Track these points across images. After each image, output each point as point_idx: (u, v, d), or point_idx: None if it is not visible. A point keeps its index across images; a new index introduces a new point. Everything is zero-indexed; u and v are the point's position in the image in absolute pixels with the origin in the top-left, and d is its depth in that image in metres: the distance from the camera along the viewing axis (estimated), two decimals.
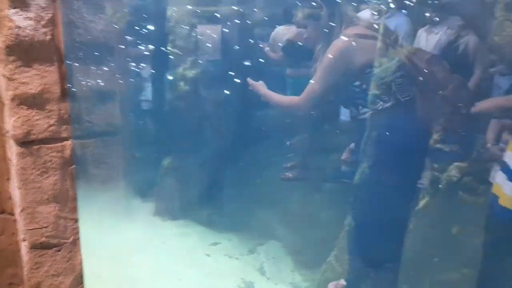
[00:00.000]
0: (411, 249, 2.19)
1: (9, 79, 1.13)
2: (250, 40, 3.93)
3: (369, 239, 2.32)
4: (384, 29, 2.19)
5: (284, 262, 3.27)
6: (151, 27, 4.10)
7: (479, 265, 1.60)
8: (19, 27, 1.11)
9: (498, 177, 1.49)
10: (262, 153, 3.71)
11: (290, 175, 3.67)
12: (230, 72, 3.73)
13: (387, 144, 2.13)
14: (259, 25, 4.25)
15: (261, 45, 4.05)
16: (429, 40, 2.52)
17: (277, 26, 3.95)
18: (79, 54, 3.05)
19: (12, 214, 1.50)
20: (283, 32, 4.16)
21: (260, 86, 2.71)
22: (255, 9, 3.97)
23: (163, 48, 3.93)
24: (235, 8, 3.87)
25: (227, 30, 4.05)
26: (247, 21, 3.99)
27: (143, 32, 4.04)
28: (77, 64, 3.07)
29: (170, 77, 3.92)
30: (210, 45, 4.07)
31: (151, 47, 4.21)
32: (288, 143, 3.62)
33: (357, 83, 2.41)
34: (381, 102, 2.19)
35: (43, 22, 1.14)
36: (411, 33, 2.68)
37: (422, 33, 2.60)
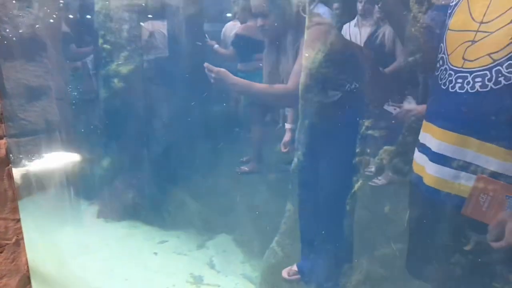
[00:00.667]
0: (349, 230, 2.34)
1: None
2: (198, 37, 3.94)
3: (308, 224, 2.46)
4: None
5: (234, 254, 3.35)
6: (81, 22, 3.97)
7: (407, 240, 1.73)
8: None
9: (419, 158, 1.58)
10: (215, 148, 3.77)
11: (246, 168, 3.77)
12: (173, 68, 3.71)
13: (318, 131, 2.28)
14: (210, 21, 4.27)
15: (208, 43, 4.09)
16: (360, 32, 2.65)
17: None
18: (10, 50, 2.90)
19: None
20: (232, 27, 4.25)
21: (229, 74, 2.40)
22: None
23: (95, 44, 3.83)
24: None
25: (171, 25, 4.01)
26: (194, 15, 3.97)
27: (74, 27, 3.90)
28: (8, 61, 2.92)
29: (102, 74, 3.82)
30: (150, 40, 4.02)
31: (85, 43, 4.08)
32: (239, 131, 3.69)
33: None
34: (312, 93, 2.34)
35: None
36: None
37: (351, 26, 2.73)
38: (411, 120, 2.02)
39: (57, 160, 3.35)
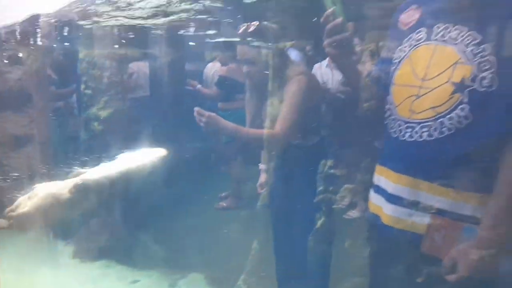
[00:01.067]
0: (313, 264, 2.44)
1: None
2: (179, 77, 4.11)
3: (276, 260, 2.55)
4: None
5: None
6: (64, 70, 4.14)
7: (368, 274, 1.82)
8: None
9: (374, 199, 1.69)
10: (195, 185, 3.82)
11: (224, 204, 3.81)
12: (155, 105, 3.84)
13: (285, 171, 2.42)
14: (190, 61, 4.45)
15: (191, 85, 4.26)
16: (332, 73, 2.75)
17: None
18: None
19: None
20: (212, 67, 4.46)
21: (219, 119, 2.35)
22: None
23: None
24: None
25: (153, 66, 4.19)
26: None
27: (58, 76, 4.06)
28: None
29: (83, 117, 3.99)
30: (133, 80, 4.17)
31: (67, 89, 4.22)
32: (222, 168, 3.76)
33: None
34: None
35: None
36: None
37: (322, 66, 2.89)
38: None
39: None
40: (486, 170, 1.39)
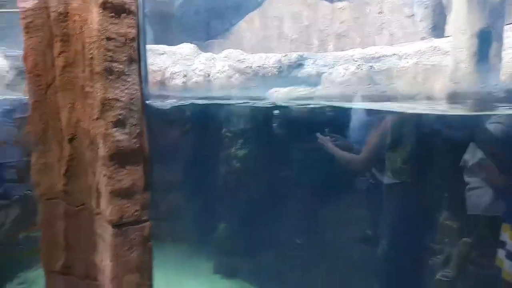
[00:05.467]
0: None
1: (109, 177, 1.52)
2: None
3: None
4: None
5: None
6: None
7: None
8: (118, 140, 1.51)
9: (500, 253, 1.76)
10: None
11: None
12: None
13: (401, 223, 2.53)
14: None
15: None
16: None
17: None
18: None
19: (96, 280, 1.81)
20: None
21: (327, 141, 3.25)
22: None
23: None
24: None
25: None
26: None
27: None
28: None
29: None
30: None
31: None
32: None
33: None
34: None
35: (134, 135, 1.55)
36: None
37: None
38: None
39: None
40: None
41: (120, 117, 1.43)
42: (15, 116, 4.12)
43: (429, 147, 2.63)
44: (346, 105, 3.16)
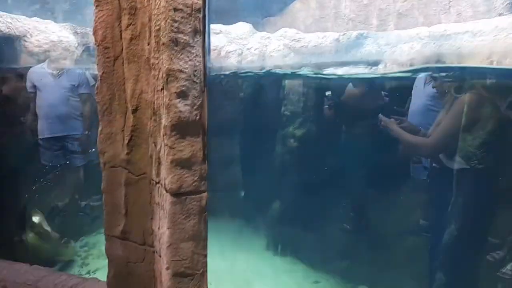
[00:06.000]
0: None
1: (170, 147, 1.57)
2: None
3: None
4: None
5: None
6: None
7: None
8: (181, 111, 1.55)
9: None
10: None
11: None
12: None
13: (475, 208, 2.40)
14: None
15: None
16: None
17: None
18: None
19: (152, 246, 1.90)
20: None
21: (392, 124, 3.07)
22: None
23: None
24: None
25: None
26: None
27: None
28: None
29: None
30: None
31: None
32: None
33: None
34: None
35: (195, 107, 1.57)
36: None
37: None
38: None
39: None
40: None
41: (183, 88, 1.46)
42: (80, 92, 4.38)
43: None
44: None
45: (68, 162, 4.43)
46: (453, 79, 2.74)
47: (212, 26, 4.37)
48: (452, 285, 2.56)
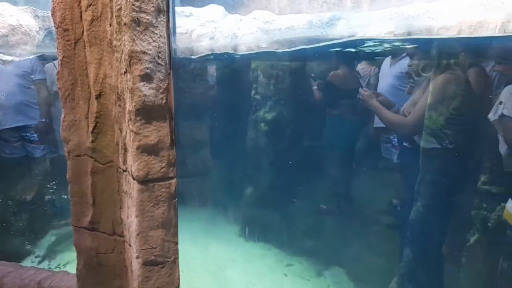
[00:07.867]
0: (464, 281, 2.38)
1: (136, 133, 1.54)
2: None
3: (426, 271, 2.61)
4: None
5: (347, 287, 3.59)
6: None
7: None
8: (145, 95, 1.52)
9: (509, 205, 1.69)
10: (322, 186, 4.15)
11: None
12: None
13: (440, 186, 2.46)
14: None
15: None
16: None
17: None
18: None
19: (122, 236, 1.87)
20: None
21: (371, 97, 3.01)
22: None
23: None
24: None
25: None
26: None
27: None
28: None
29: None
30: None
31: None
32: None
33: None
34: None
35: (161, 90, 1.54)
36: None
37: None
38: None
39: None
40: None
41: (147, 71, 1.42)
42: (35, 78, 4.21)
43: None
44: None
45: (27, 154, 4.28)
46: (422, 53, 2.76)
47: (183, 8, 4.28)
48: (419, 262, 2.64)
